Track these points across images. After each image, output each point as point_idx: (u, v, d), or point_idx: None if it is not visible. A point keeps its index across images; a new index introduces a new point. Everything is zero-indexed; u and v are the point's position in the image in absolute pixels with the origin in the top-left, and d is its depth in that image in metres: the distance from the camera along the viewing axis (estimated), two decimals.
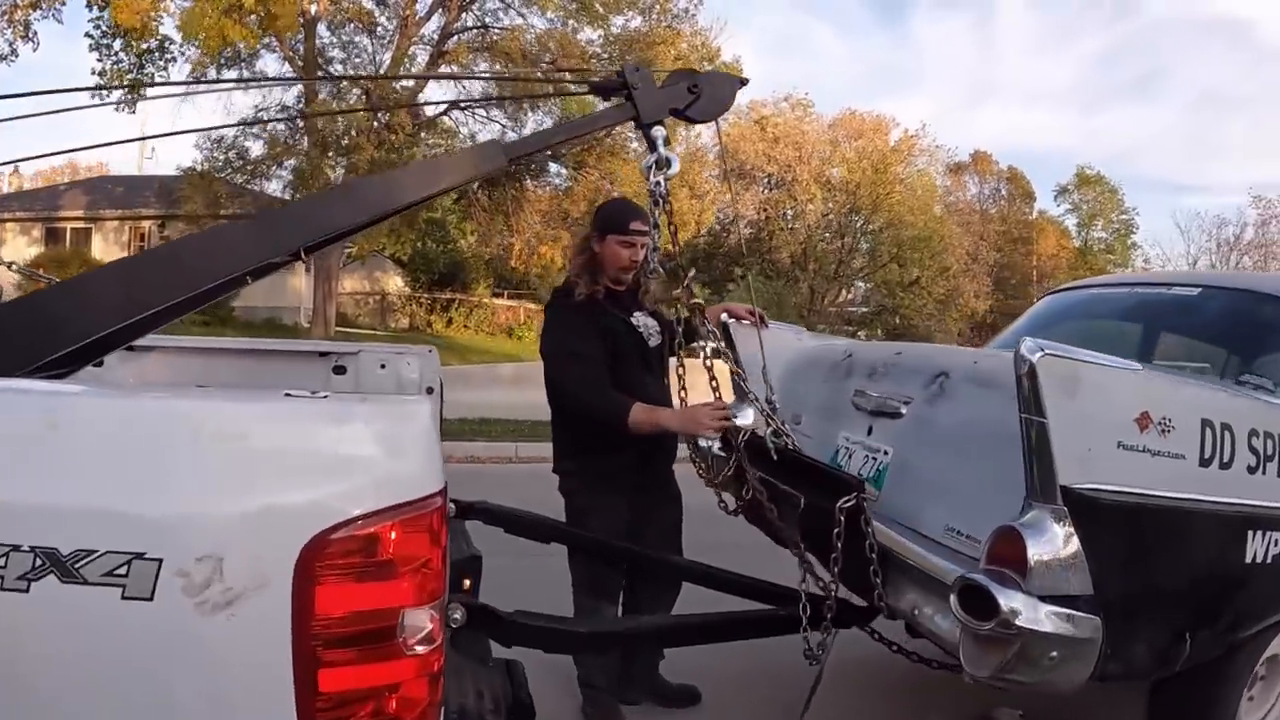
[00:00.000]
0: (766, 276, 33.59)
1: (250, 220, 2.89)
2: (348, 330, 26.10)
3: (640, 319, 3.53)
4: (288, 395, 1.45)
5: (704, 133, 25.60)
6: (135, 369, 3.53)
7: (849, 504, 2.62)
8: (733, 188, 27.45)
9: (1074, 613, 2.28)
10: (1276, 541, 2.72)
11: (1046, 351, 2.22)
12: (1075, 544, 2.27)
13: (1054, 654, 2.29)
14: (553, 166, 24.75)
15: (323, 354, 3.76)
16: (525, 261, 27.90)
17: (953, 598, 2.32)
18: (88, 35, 19.22)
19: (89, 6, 18.75)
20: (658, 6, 21.13)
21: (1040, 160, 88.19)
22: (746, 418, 3.11)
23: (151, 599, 1.35)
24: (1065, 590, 2.27)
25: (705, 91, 2.86)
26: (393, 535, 1.42)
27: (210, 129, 22.41)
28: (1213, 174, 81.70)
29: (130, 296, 2.07)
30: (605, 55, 20.59)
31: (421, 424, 1.45)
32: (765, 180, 35.81)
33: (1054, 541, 2.25)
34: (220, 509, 1.38)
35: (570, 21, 21.04)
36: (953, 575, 2.44)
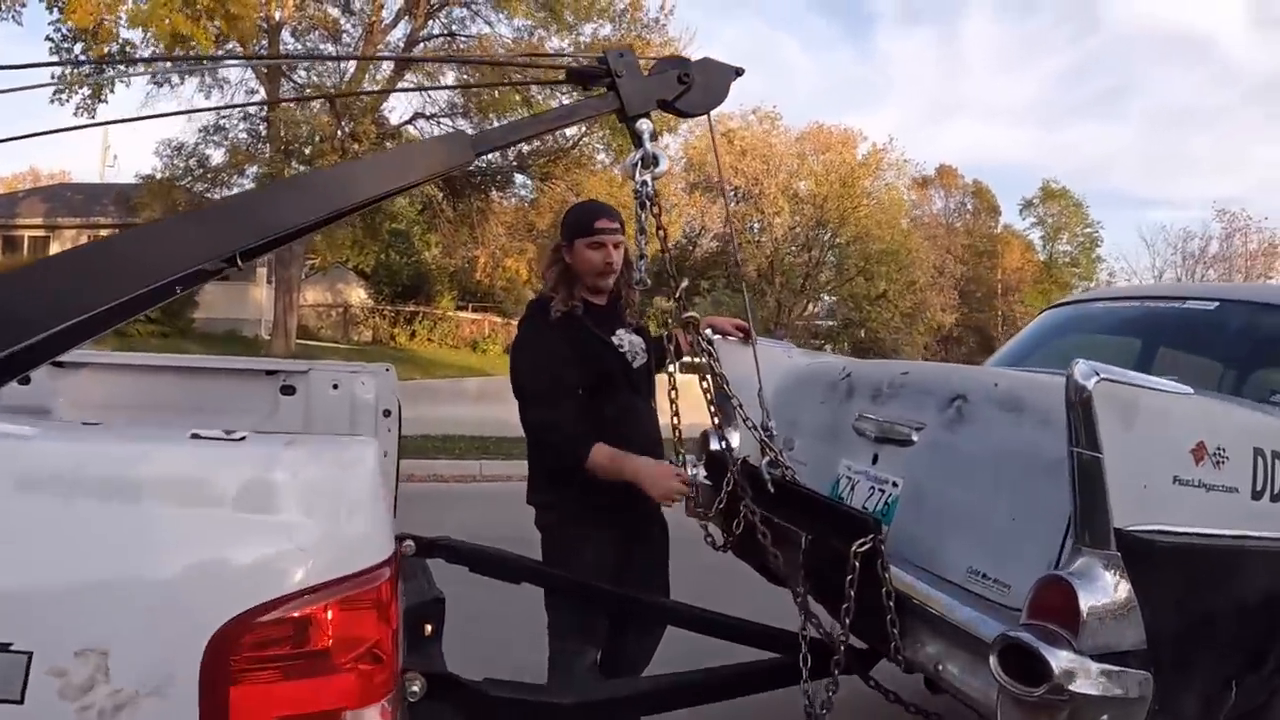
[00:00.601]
0: (733, 289, 33.41)
1: (179, 218, 2.52)
2: (309, 343, 25.68)
3: (624, 337, 3.22)
4: (195, 436, 1.11)
5: (669, 142, 25.45)
6: (62, 387, 3.18)
7: (865, 546, 2.31)
8: (726, 190, 27.15)
9: (1127, 670, 2.00)
10: None
11: (1102, 376, 1.95)
12: (1128, 593, 1.99)
13: (1104, 718, 2.00)
14: (519, 178, 24.52)
15: (270, 373, 3.42)
16: (490, 274, 27.60)
17: (993, 659, 2.01)
18: (49, 39, 18.85)
19: (49, 9, 18.29)
20: (628, 15, 20.92)
21: (1005, 174, 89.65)
22: (733, 440, 2.82)
23: (21, 702, 1.03)
24: (1119, 646, 2.00)
25: (697, 81, 2.54)
26: (330, 617, 1.10)
27: (198, 110, 21.95)
28: (1175, 188, 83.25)
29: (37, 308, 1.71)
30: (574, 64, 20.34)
31: (366, 473, 1.12)
32: (732, 193, 35.65)
33: (1106, 591, 1.98)
34: (104, 588, 1.04)
35: (539, 30, 20.78)
36: (986, 629, 2.17)
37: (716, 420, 2.87)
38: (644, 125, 2.52)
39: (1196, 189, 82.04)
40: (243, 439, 1.14)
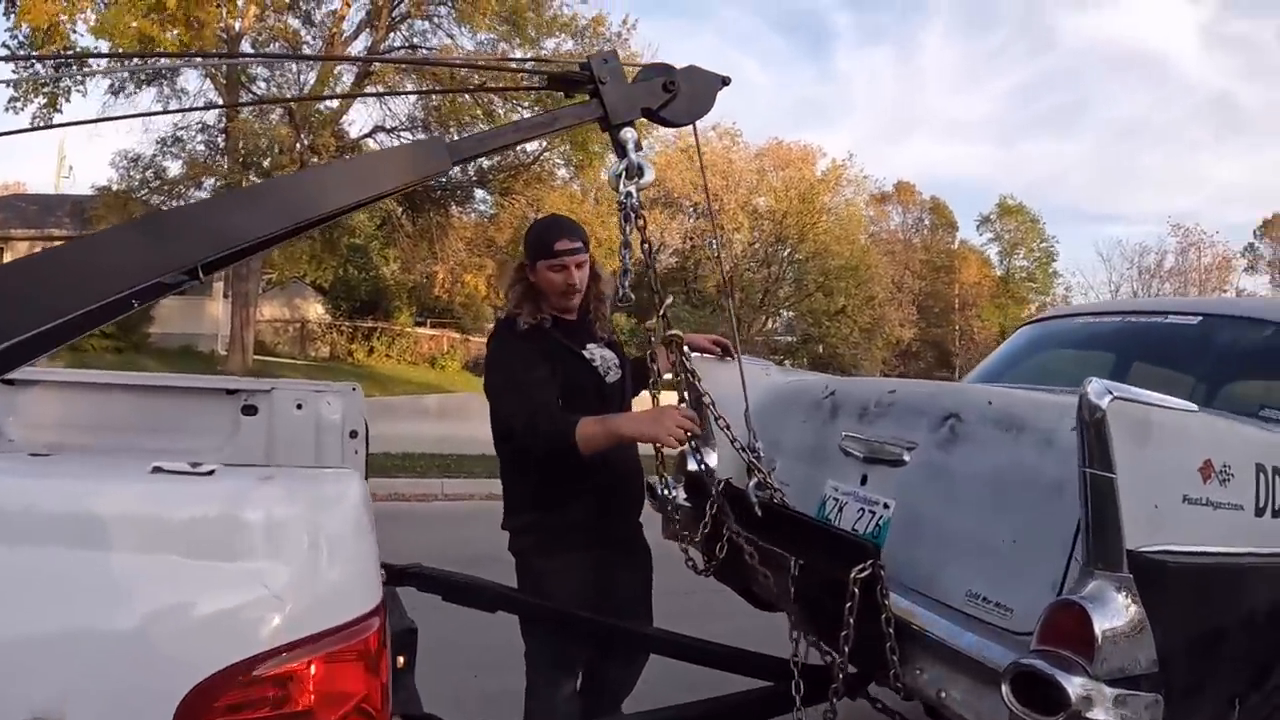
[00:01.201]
0: (693, 305, 33.41)
1: (136, 226, 2.37)
2: (266, 359, 25.30)
3: (595, 351, 3.10)
4: (157, 469, 0.97)
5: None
6: (12, 406, 3.01)
7: (865, 573, 2.22)
8: (711, 205, 27.19)
9: (1139, 694, 1.94)
10: None
11: (1116, 395, 1.89)
12: (1140, 616, 1.94)
13: None
14: (479, 193, 24.37)
15: (231, 392, 3.26)
16: (449, 290, 27.32)
17: (1005, 688, 1.94)
18: (4, 45, 18.45)
19: (5, 14, 17.89)
20: (590, 30, 20.88)
21: (963, 191, 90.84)
22: (709, 460, 2.70)
23: None
24: (1132, 670, 1.94)
25: (683, 89, 2.44)
26: (313, 672, 0.96)
27: (156, 113, 21.53)
28: (1129, 203, 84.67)
29: None
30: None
31: (350, 511, 1.00)
32: (691, 209, 35.71)
33: (1120, 615, 1.92)
34: (59, 646, 0.91)
35: (501, 44, 20.69)
36: (993, 655, 2.10)
37: (693, 441, 2.77)
38: (628, 134, 2.41)
39: (1150, 204, 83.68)
40: (211, 473, 1.01)
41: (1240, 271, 46.72)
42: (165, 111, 21.34)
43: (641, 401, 3.05)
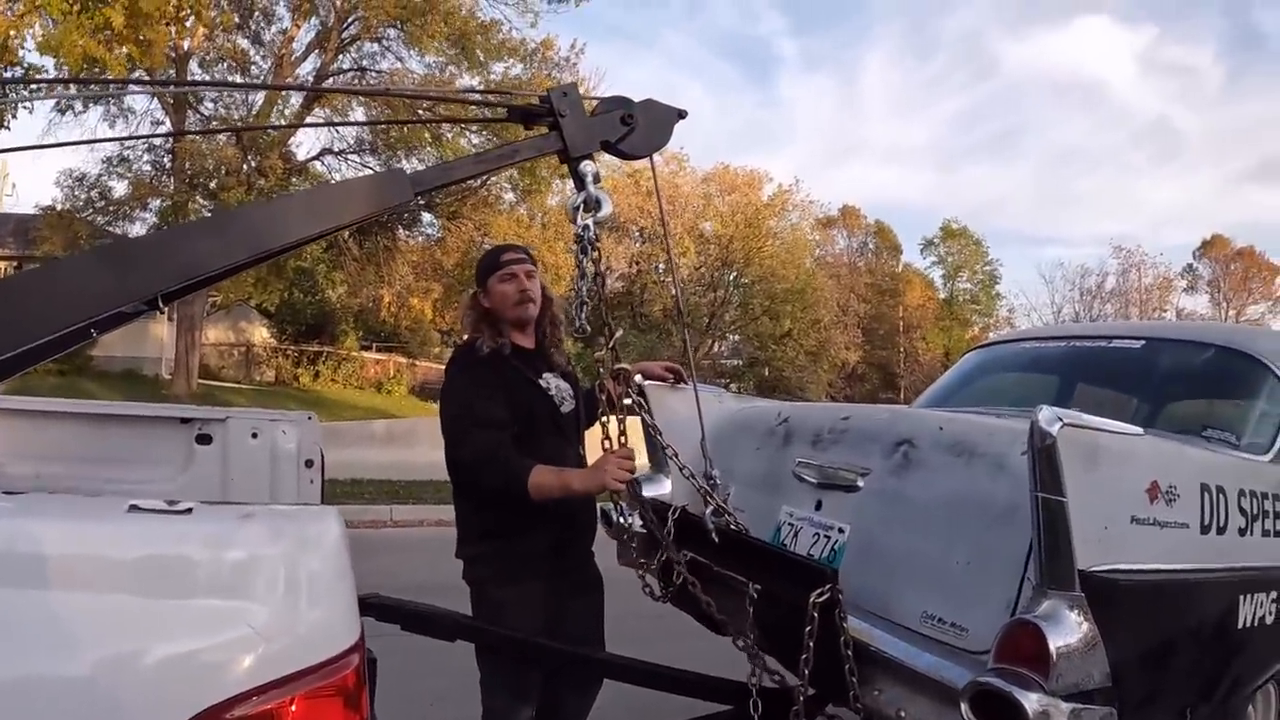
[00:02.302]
0: (639, 330, 33.45)
1: (96, 255, 2.35)
2: (211, 383, 24.85)
3: (551, 381, 3.11)
4: (134, 508, 0.96)
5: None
6: None
7: (824, 597, 2.25)
8: (668, 235, 27.14)
9: (1094, 708, 2.03)
10: (1262, 604, 2.61)
11: (1066, 422, 1.97)
12: (1093, 632, 2.03)
13: None
14: (425, 216, 24.22)
15: (185, 420, 3.21)
16: (396, 314, 27.11)
17: (964, 706, 2.00)
18: None
19: None
20: (539, 54, 20.93)
21: (907, 214, 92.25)
22: (663, 487, 2.71)
23: None
24: (1086, 685, 2.03)
25: (641, 122, 2.48)
26: (294, 710, 0.96)
27: (101, 139, 21.09)
28: (1068, 226, 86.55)
29: None
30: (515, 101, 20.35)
31: (330, 549, 0.99)
32: (638, 234, 35.83)
33: (1073, 632, 2.01)
34: (32, 690, 0.89)
35: (450, 67, 20.66)
36: (950, 674, 2.17)
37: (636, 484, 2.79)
38: (587, 167, 2.44)
39: (1087, 227, 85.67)
40: (189, 511, 1.00)
41: (1180, 291, 47.97)
42: (114, 139, 20.97)
43: (594, 432, 3.07)
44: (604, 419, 2.88)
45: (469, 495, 3.06)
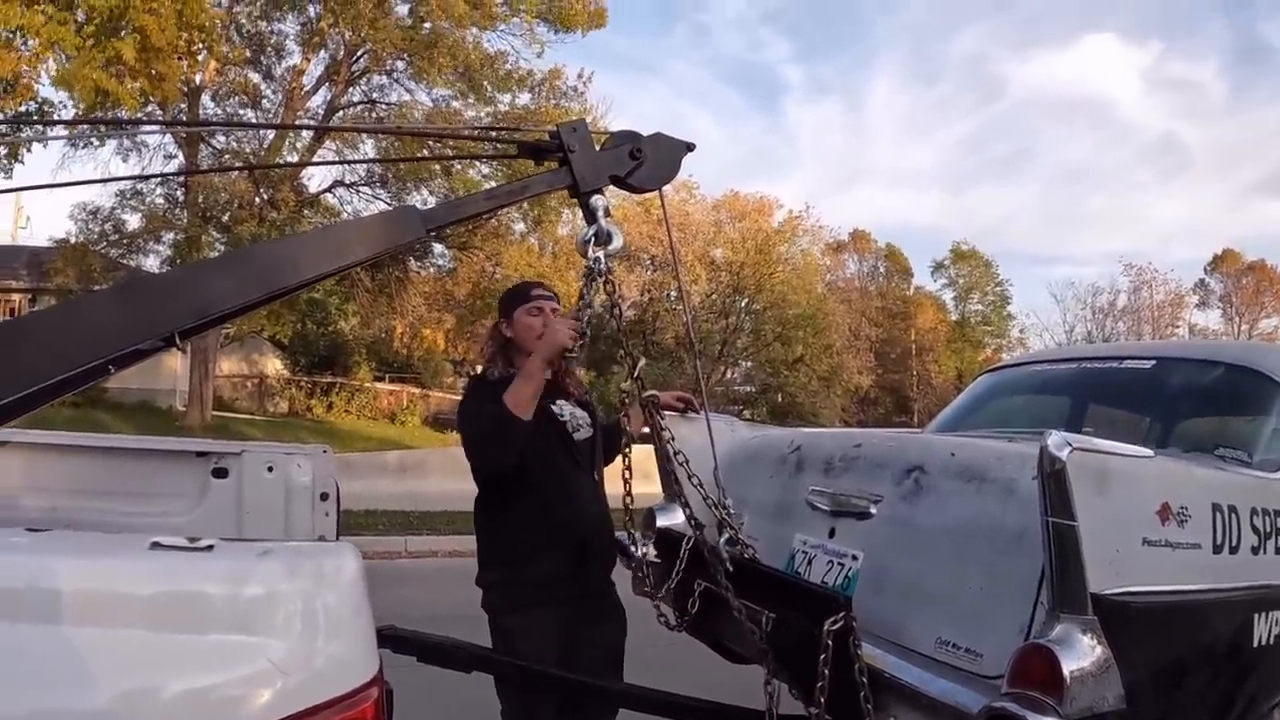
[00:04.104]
0: (651, 358, 33.50)
1: (114, 293, 2.40)
2: (225, 414, 24.92)
3: (565, 408, 3.13)
4: (156, 544, 0.99)
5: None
6: None
7: (838, 625, 2.25)
8: (678, 265, 27.20)
9: None
10: (1277, 622, 2.58)
11: (1075, 446, 1.98)
12: (1106, 656, 2.02)
13: None
14: (436, 247, 24.36)
15: (201, 454, 3.24)
16: (408, 345, 27.19)
17: None
18: None
19: None
20: (546, 85, 21.07)
21: (917, 237, 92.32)
22: (677, 517, 2.71)
23: None
24: (1100, 708, 2.02)
25: (649, 156, 2.53)
26: None
27: (116, 179, 21.31)
28: (1078, 245, 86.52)
29: None
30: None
31: (348, 585, 1.01)
32: (649, 262, 35.95)
33: (1086, 656, 2.01)
34: (52, 718, 0.91)
35: (456, 100, 20.85)
36: (965, 700, 2.17)
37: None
38: (597, 201, 2.48)
39: (1097, 245, 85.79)
40: (210, 548, 1.02)
41: (1192, 308, 47.77)
42: (129, 178, 21.15)
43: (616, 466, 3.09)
44: (627, 450, 2.91)
45: (488, 519, 3.09)
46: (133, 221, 21.59)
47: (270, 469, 3.19)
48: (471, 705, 3.21)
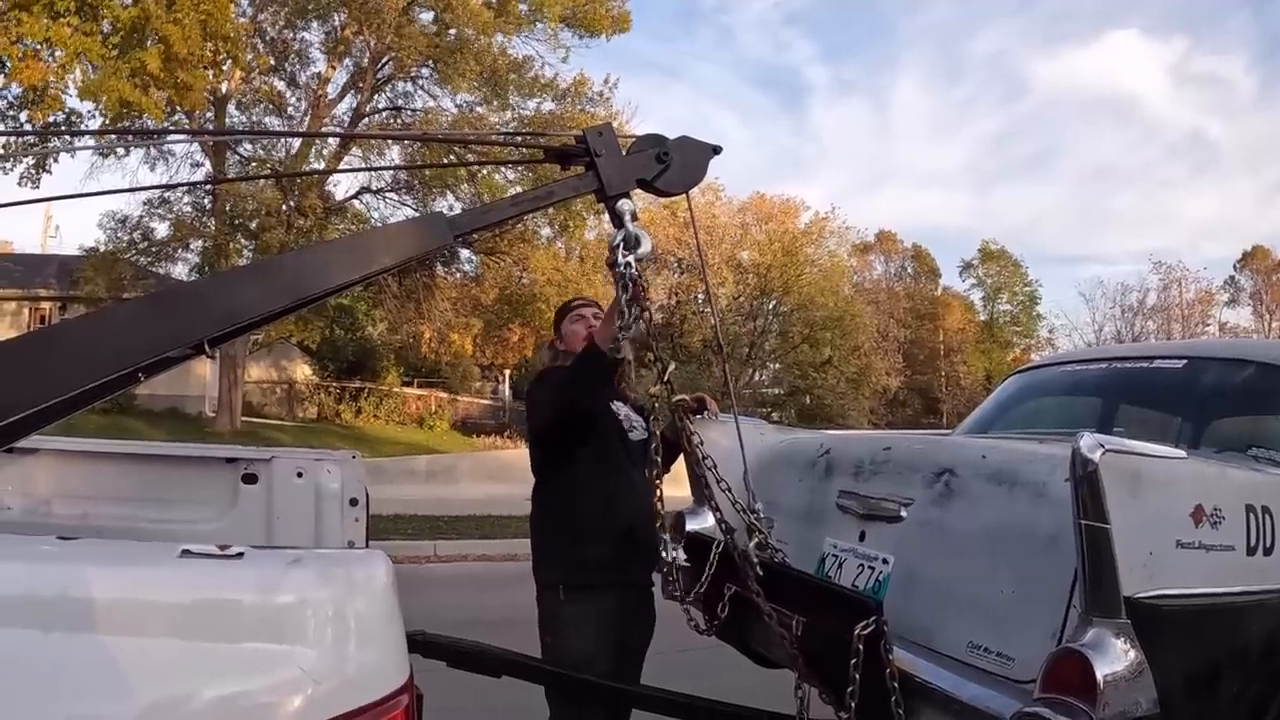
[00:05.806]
0: (679, 361, 33.43)
1: (144, 302, 2.42)
2: (254, 420, 25.12)
3: (621, 408, 3.32)
4: (186, 552, 0.99)
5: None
6: (16, 475, 3.02)
7: (869, 629, 2.24)
8: (705, 268, 27.23)
9: None
10: None
11: (1108, 448, 1.96)
12: (1140, 659, 2.00)
13: None
14: (463, 253, 24.45)
15: (231, 460, 3.27)
16: (436, 350, 27.27)
17: None
18: None
19: None
20: (573, 91, 21.11)
21: (944, 237, 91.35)
22: (706, 521, 2.71)
23: None
24: (1135, 713, 2.01)
25: (675, 160, 2.50)
26: None
27: (143, 189, 21.54)
28: (1107, 243, 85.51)
29: None
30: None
31: (379, 592, 1.01)
32: (676, 264, 35.92)
33: (1120, 660, 1.99)
34: None
35: (480, 106, 20.93)
36: (997, 705, 2.15)
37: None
38: (625, 205, 2.46)
39: (1125, 244, 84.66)
40: (240, 555, 1.03)
41: (1222, 305, 47.14)
42: (156, 187, 21.39)
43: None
44: (657, 454, 2.93)
45: (545, 512, 3.25)
46: (161, 230, 21.86)
47: (300, 475, 3.21)
48: (501, 710, 3.22)
